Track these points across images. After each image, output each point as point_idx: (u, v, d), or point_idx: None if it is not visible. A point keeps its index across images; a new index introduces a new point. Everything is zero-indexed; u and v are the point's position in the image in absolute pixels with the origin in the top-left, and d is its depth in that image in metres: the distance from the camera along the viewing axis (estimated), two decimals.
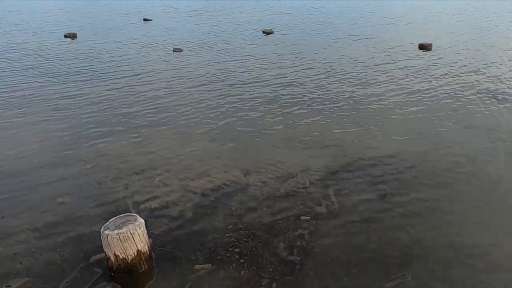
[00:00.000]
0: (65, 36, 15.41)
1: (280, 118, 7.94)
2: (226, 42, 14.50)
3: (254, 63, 11.83)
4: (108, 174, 5.94)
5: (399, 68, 11.29)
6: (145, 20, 19.17)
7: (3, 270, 4.13)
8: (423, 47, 13.64)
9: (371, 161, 6.31)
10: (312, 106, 8.56)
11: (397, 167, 6.14)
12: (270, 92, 9.34)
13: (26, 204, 5.22)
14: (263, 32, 16.14)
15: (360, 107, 8.47)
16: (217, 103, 8.71)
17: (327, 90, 9.48)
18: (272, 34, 15.84)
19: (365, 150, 6.65)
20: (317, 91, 9.45)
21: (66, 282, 3.95)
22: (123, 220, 3.92)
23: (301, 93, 9.28)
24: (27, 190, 5.53)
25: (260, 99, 8.91)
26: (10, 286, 3.86)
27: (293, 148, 6.76)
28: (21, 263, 4.21)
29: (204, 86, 9.78)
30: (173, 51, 13.13)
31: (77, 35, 15.56)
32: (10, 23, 18.27)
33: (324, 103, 8.71)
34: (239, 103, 8.69)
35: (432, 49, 13.51)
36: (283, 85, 9.83)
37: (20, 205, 5.19)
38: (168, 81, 10.14)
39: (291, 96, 9.12)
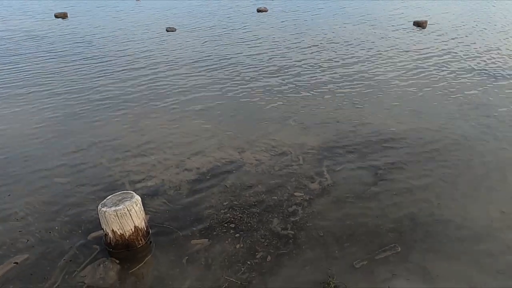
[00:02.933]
0: (56, 16, 15.16)
1: (274, 97, 7.97)
2: (219, 21, 14.34)
3: (248, 42, 11.75)
4: (103, 154, 5.99)
5: (394, 46, 11.26)
6: None
7: (2, 248, 4.21)
8: (418, 24, 13.58)
9: (365, 139, 6.39)
10: (307, 84, 8.57)
11: (390, 144, 6.23)
12: (264, 71, 9.33)
13: (23, 184, 5.27)
14: (258, 10, 15.95)
15: (355, 85, 8.50)
16: (211, 82, 8.71)
17: (322, 69, 9.48)
18: (266, 12, 15.66)
19: (359, 128, 6.72)
20: (311, 69, 9.44)
21: (65, 259, 4.04)
22: (120, 197, 3.99)
23: (295, 72, 9.27)
24: (24, 170, 5.58)
25: (254, 78, 8.91)
26: (17, 263, 3.95)
27: (287, 126, 6.81)
28: (20, 241, 4.30)
29: (198, 65, 9.74)
30: (167, 31, 12.99)
31: (68, 15, 15.32)
32: None
33: (318, 81, 8.73)
34: (233, 82, 8.68)
35: (427, 26, 13.45)
36: (277, 64, 9.80)
37: (17, 186, 5.24)
38: (161, 61, 10.08)
39: (285, 74, 9.11)
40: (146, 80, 8.81)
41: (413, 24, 13.58)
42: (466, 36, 12.40)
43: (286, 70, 9.39)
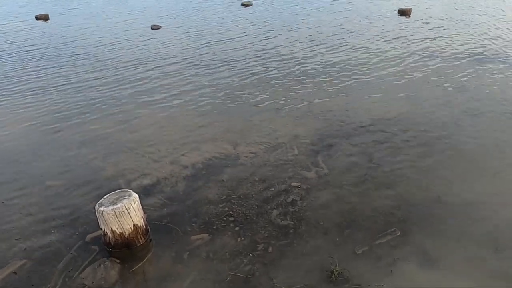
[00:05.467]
0: (37, 18, 14.84)
1: (265, 89, 7.93)
2: (204, 17, 14.22)
3: (235, 36, 11.67)
4: (96, 154, 5.90)
5: (380, 34, 11.30)
6: None
7: None
8: (403, 12, 13.64)
9: (357, 126, 6.41)
10: (296, 76, 8.55)
11: (382, 130, 6.26)
12: (253, 64, 9.28)
13: (16, 188, 5.16)
14: (242, 4, 15.85)
15: (344, 74, 8.51)
16: (200, 77, 8.63)
17: (310, 59, 9.47)
18: (251, 6, 15.58)
19: (350, 116, 6.74)
20: (300, 60, 9.42)
21: (64, 262, 3.97)
22: (117, 196, 3.94)
23: (284, 64, 9.24)
24: (15, 174, 5.47)
25: (244, 72, 8.86)
26: (16, 272, 3.87)
27: (280, 118, 6.80)
28: (17, 246, 4.21)
29: (186, 61, 9.64)
30: (152, 29, 12.82)
31: (49, 16, 15.01)
32: None
33: (307, 72, 8.72)
34: (223, 77, 8.62)
35: (412, 14, 13.53)
36: (266, 57, 9.76)
37: (9, 190, 5.13)
38: (149, 58, 9.96)
39: (274, 67, 9.08)
40: (134, 78, 8.69)
41: (398, 13, 13.63)
42: (450, 22, 12.50)
43: (273, 63, 9.35)
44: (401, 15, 13.50)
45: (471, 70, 8.54)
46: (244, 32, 12.01)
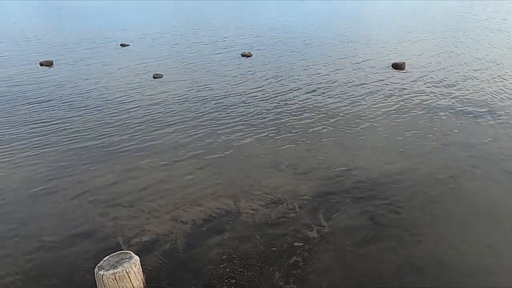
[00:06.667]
0: (41, 64, 15.19)
1: (265, 142, 8.03)
2: (205, 66, 14.63)
3: (235, 86, 11.96)
4: (95, 207, 5.84)
5: (375, 88, 11.64)
6: (122, 45, 19.15)
7: None
8: (397, 66, 14.14)
9: (357, 182, 6.44)
10: (295, 128, 8.69)
11: (382, 187, 6.29)
12: (253, 116, 9.45)
13: (10, 244, 5.05)
14: (242, 55, 16.38)
15: (341, 128, 8.66)
16: (201, 129, 8.74)
17: (307, 112, 9.66)
18: (251, 57, 16.10)
19: (349, 171, 6.79)
20: (297, 113, 9.61)
21: None
22: (117, 258, 3.86)
23: (281, 116, 9.42)
24: (10, 228, 5.36)
25: (243, 124, 8.99)
26: None
27: (280, 172, 6.83)
28: None
29: (187, 112, 9.80)
30: (153, 77, 13.14)
31: (54, 63, 15.37)
32: None
33: (305, 124, 8.87)
34: (223, 128, 8.74)
35: (406, 67, 14.03)
36: (264, 108, 9.96)
37: (3, 246, 5.01)
38: (150, 108, 10.12)
39: (272, 119, 9.24)
40: (134, 129, 8.78)
41: (392, 67, 14.13)
42: (446, 76, 12.95)
43: (272, 115, 9.53)
44: (395, 68, 13.98)
45: (466, 125, 8.73)
46: (244, 83, 12.32)
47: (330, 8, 39.80)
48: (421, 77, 12.84)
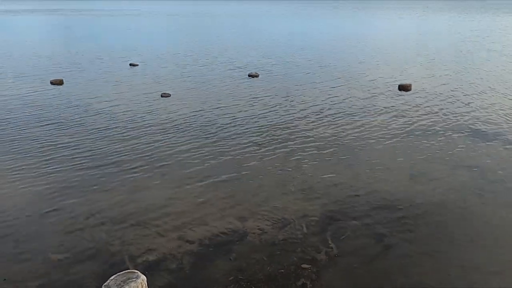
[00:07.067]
0: (52, 83, 15.46)
1: (272, 162, 8.03)
2: (213, 86, 14.80)
3: (243, 107, 12.07)
4: (102, 226, 5.83)
5: (382, 110, 11.68)
6: (131, 65, 19.49)
7: None
8: (403, 87, 14.22)
9: (365, 204, 6.40)
10: (302, 149, 8.71)
11: (391, 209, 6.24)
12: (260, 136, 9.49)
13: (17, 262, 5.04)
14: (249, 75, 16.58)
15: (349, 150, 8.67)
16: (208, 148, 8.78)
17: (315, 133, 9.70)
18: (258, 78, 16.28)
19: (357, 192, 6.76)
20: (305, 133, 9.65)
21: None
22: (124, 277, 3.84)
23: (290, 137, 9.46)
24: (17, 245, 5.36)
25: (250, 143, 9.03)
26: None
27: (287, 192, 6.81)
28: None
29: (195, 131, 9.87)
30: (161, 96, 13.30)
31: (64, 81, 15.64)
32: None
33: (312, 146, 8.88)
34: (230, 148, 8.77)
35: (412, 89, 14.10)
36: (272, 129, 10.01)
37: (10, 263, 5.00)
38: (158, 127, 10.21)
39: (280, 140, 9.28)
40: (143, 146, 8.84)
41: (398, 88, 14.21)
42: (452, 97, 12.99)
43: (280, 135, 9.58)
44: (401, 90, 14.05)
45: (474, 147, 8.70)
46: (251, 103, 12.43)
47: (337, 28, 40.40)
48: (428, 98, 12.89)
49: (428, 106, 12.01)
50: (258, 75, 16.61)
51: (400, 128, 10.02)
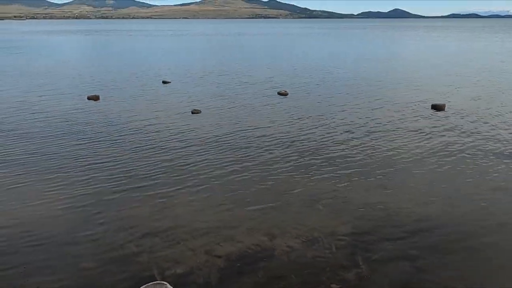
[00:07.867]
0: (88, 99, 16.08)
1: (302, 179, 7.96)
2: (243, 103, 14.96)
3: (272, 124, 12.10)
4: (131, 237, 5.92)
5: (415, 129, 11.42)
6: (164, 82, 20.04)
7: None
8: (437, 107, 13.87)
9: (397, 224, 6.20)
10: (333, 167, 8.59)
11: (423, 230, 6.01)
12: (290, 153, 9.45)
13: (48, 269, 5.17)
14: (278, 93, 16.66)
15: (380, 168, 8.48)
16: (238, 164, 8.81)
17: (345, 152, 9.56)
18: (287, 96, 16.34)
19: (390, 213, 6.56)
20: (334, 152, 9.53)
21: None
22: None
23: (319, 155, 9.37)
24: (48, 254, 5.50)
25: (280, 161, 9.00)
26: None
27: (316, 210, 6.70)
28: None
29: (224, 147, 9.96)
30: (192, 113, 13.55)
31: (100, 97, 16.24)
32: (33, 85, 19.22)
33: (344, 164, 8.75)
34: (260, 165, 8.77)
35: (446, 109, 13.73)
36: (301, 147, 9.96)
37: (41, 272, 5.13)
38: (188, 143, 10.37)
39: (310, 157, 9.20)
40: (174, 163, 8.98)
41: (432, 108, 13.88)
42: (486, 117, 12.55)
43: (309, 153, 9.50)
44: (435, 110, 13.71)
45: (507, 169, 8.31)
46: (281, 121, 12.46)
47: (368, 47, 40.16)
48: (462, 118, 12.51)
49: (462, 126, 11.64)
50: (287, 93, 16.66)
51: (435, 149, 9.74)
